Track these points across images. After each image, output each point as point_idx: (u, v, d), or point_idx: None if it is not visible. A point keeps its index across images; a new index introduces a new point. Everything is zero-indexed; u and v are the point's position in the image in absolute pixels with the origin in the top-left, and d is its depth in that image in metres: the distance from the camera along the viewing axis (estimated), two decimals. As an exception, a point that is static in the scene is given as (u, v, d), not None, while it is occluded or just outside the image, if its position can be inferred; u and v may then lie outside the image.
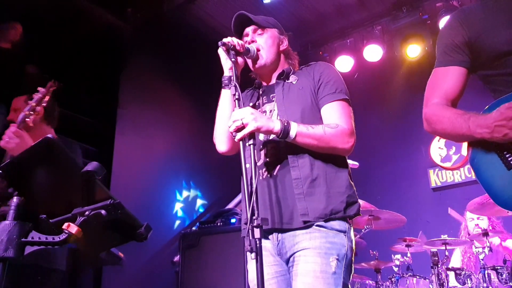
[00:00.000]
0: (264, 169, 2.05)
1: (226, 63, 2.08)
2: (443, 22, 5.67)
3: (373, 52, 6.20)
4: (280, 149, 2.03)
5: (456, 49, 1.83)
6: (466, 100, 1.94)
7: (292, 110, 2.06)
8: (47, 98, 2.81)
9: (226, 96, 2.13)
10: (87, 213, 1.27)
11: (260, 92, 2.26)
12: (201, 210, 5.86)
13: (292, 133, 1.90)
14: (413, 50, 6.06)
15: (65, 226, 1.25)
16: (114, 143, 5.01)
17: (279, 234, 1.97)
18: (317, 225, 1.90)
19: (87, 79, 5.11)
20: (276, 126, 1.89)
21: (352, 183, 2.04)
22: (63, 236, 1.24)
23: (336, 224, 1.92)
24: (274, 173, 2.01)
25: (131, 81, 5.38)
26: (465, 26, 1.81)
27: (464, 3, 5.76)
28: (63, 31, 4.89)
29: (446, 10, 5.67)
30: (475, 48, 1.79)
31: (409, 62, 6.33)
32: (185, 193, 5.72)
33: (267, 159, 2.05)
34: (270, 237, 2.00)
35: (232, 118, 1.87)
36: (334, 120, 2.01)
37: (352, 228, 2.01)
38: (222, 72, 2.14)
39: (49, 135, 1.21)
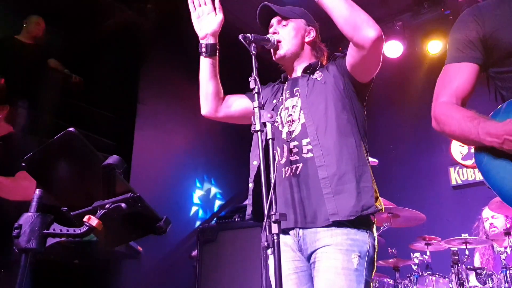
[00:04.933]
0: (287, 167, 2.01)
1: (196, 24, 2.29)
2: (465, 17, 5.57)
3: (394, 48, 6.12)
4: (303, 147, 1.99)
5: (469, 45, 1.78)
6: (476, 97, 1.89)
7: (316, 106, 2.02)
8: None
9: (204, 62, 2.27)
10: (107, 206, 1.28)
11: (285, 86, 2.23)
12: (218, 205, 5.89)
13: None
14: (435, 46, 5.97)
15: (86, 218, 1.26)
16: (133, 138, 5.06)
17: (300, 230, 1.94)
18: (340, 225, 1.86)
19: (107, 74, 5.17)
20: None
21: (372, 176, 2.00)
22: (84, 229, 1.25)
23: (358, 222, 1.88)
24: (297, 172, 1.98)
25: (151, 76, 5.42)
26: (479, 21, 1.77)
27: (488, -3, 5.65)
28: (84, 27, 4.96)
29: (469, 5, 5.54)
30: (489, 44, 1.74)
31: (430, 58, 6.23)
32: (203, 188, 5.75)
33: (291, 157, 2.01)
34: (291, 232, 1.97)
35: None
36: None
37: (375, 225, 1.97)
38: (242, 68, 2.15)
39: (71, 129, 1.23)
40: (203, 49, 2.23)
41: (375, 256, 1.94)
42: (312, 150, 1.96)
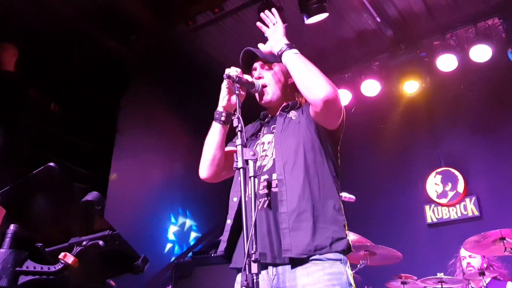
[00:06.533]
0: (256, 201, 2.01)
1: (223, 98, 2.16)
2: (440, 59, 5.78)
3: (371, 87, 6.26)
4: (273, 181, 2.01)
5: None
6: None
7: (288, 143, 2.06)
8: None
9: (215, 128, 2.20)
10: (84, 243, 1.25)
11: (264, 122, 2.29)
12: (194, 239, 5.79)
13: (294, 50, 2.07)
14: (411, 87, 6.13)
15: (61, 256, 1.23)
16: (110, 168, 4.99)
17: (274, 269, 1.91)
18: (312, 259, 1.84)
19: (87, 104, 5.14)
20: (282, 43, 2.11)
21: (340, 217, 1.98)
22: (59, 266, 1.22)
23: (331, 254, 1.87)
24: (265, 206, 1.99)
25: (131, 107, 5.40)
26: None
27: (461, 42, 5.89)
28: (66, 55, 4.94)
29: (443, 48, 5.79)
30: None
31: (406, 98, 6.40)
32: (179, 222, 5.66)
33: (260, 191, 2.03)
34: (263, 272, 1.91)
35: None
36: None
37: (347, 260, 1.94)
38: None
39: (51, 164, 1.21)
40: (223, 118, 2.18)
41: (354, 284, 1.91)
42: (279, 185, 1.98)
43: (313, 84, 1.96)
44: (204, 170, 2.24)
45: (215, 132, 2.19)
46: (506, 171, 5.65)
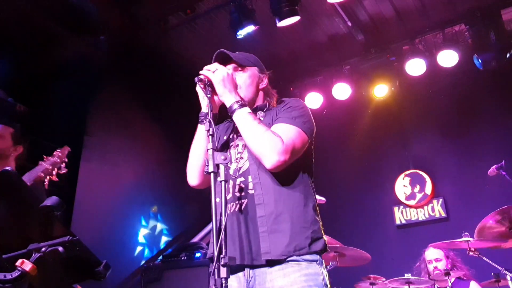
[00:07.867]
0: (232, 203, 2.03)
1: (203, 99, 2.11)
2: (409, 64, 5.90)
3: (342, 91, 6.34)
4: (249, 183, 2.01)
5: None
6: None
7: None
8: (63, 165, 2.78)
9: (201, 131, 2.13)
10: (43, 249, 1.21)
11: (235, 126, 2.26)
12: (164, 243, 5.73)
13: (243, 111, 1.99)
14: (380, 90, 6.24)
15: (18, 263, 1.19)
16: (78, 170, 4.89)
17: (251, 271, 1.91)
18: (289, 260, 1.86)
19: (55, 104, 5.03)
20: (230, 100, 2.00)
21: (317, 218, 2.01)
22: (15, 274, 1.18)
23: (308, 256, 1.89)
24: (242, 208, 1.99)
25: (100, 108, 5.30)
26: None
27: (429, 47, 6.03)
28: (34, 56, 4.83)
29: (412, 53, 5.92)
30: None
31: (376, 101, 6.51)
32: (149, 225, 5.59)
33: (236, 194, 2.03)
34: (240, 274, 1.93)
35: (210, 68, 2.01)
36: (281, 133, 1.98)
37: (323, 261, 1.96)
38: (192, 103, 2.14)
39: (8, 167, 1.17)
40: (202, 117, 2.10)
41: (329, 285, 1.93)
42: (254, 188, 1.99)
43: (262, 153, 1.93)
44: (194, 178, 2.17)
45: (202, 135, 2.11)
46: (472, 173, 5.79)
